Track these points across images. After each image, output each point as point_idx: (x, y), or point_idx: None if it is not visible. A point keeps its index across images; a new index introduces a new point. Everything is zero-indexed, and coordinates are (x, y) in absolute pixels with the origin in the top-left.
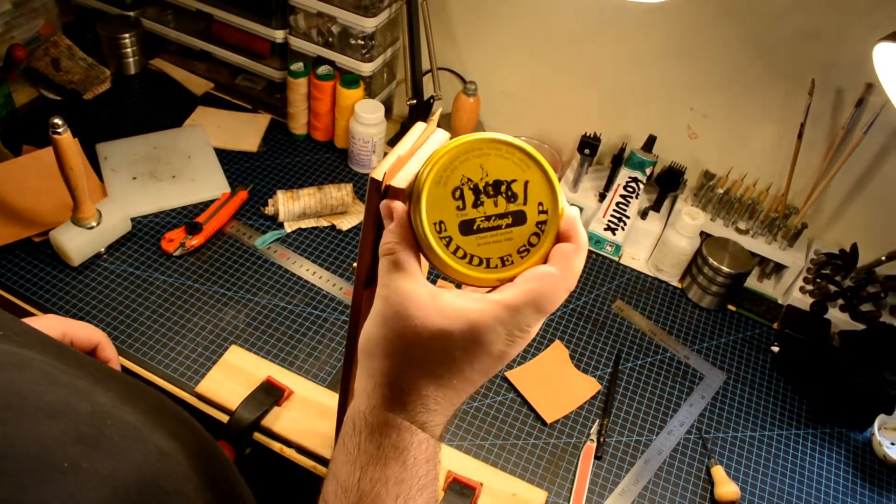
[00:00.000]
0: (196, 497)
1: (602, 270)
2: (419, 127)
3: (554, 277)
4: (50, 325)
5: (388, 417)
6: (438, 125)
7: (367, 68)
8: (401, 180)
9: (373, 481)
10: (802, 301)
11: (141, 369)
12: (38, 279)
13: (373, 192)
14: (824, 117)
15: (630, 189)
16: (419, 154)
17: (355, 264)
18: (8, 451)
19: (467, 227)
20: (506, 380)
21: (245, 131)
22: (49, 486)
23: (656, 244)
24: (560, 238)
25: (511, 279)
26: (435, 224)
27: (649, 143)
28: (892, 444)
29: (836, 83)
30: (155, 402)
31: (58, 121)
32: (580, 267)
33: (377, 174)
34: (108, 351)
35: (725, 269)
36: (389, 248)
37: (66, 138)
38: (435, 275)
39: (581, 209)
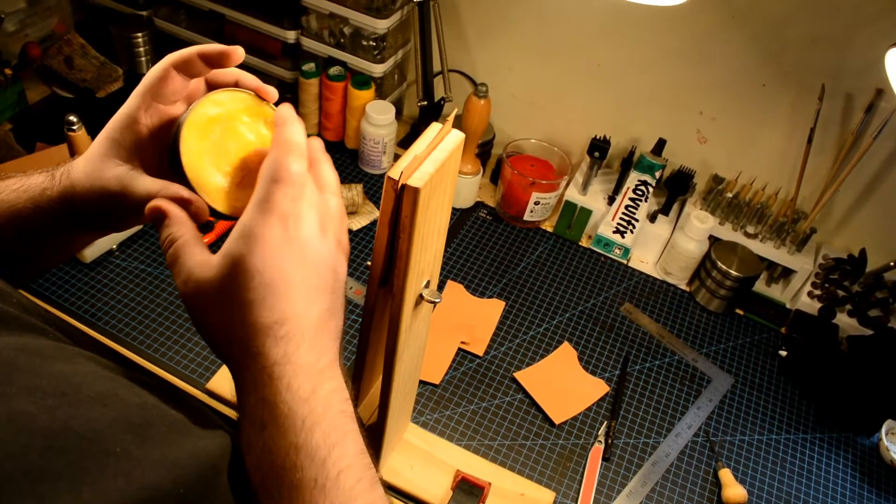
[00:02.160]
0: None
1: (611, 273)
2: (435, 128)
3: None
4: (158, 67)
5: (249, 379)
6: (452, 126)
7: (378, 69)
8: (417, 179)
9: (260, 453)
10: (810, 306)
11: (152, 365)
12: (51, 276)
13: (389, 191)
14: (834, 122)
15: (639, 192)
16: (435, 154)
17: (369, 262)
18: (65, 434)
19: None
20: (514, 380)
21: None
22: (106, 468)
23: (665, 247)
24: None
25: None
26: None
27: (659, 146)
28: None
29: (845, 88)
30: (186, 400)
31: (73, 118)
32: (291, 134)
33: (394, 173)
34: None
35: (734, 273)
36: (171, 236)
37: (81, 135)
38: None
39: (590, 212)
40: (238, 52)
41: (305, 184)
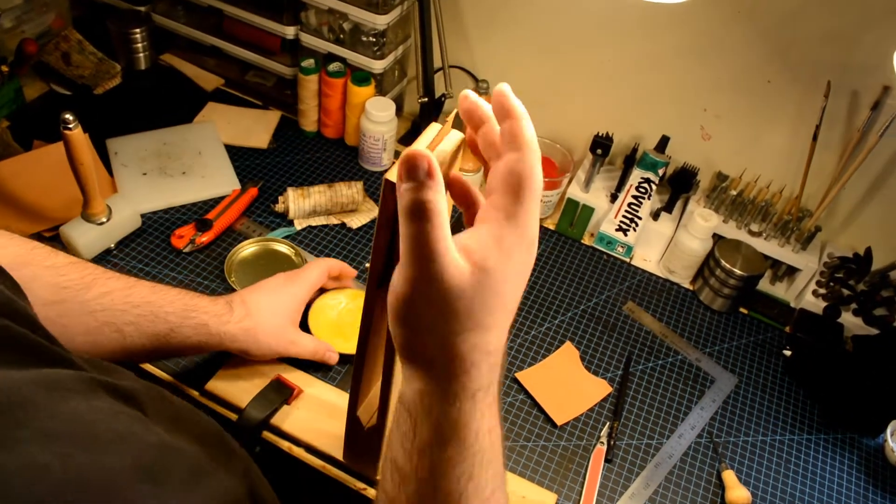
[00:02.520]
0: None
1: (613, 272)
2: (434, 128)
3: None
4: (318, 271)
5: (441, 394)
6: (452, 126)
7: (378, 66)
8: None
9: (431, 467)
10: (815, 305)
11: (151, 367)
12: None
13: (387, 194)
14: (839, 119)
15: (642, 190)
16: (435, 156)
17: (368, 264)
18: (79, 485)
19: None
20: (515, 381)
21: (255, 128)
22: None
23: (668, 246)
24: (498, 118)
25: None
26: None
27: (662, 143)
28: None
29: (851, 85)
30: (209, 432)
31: (69, 116)
32: (526, 131)
33: (391, 175)
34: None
35: (738, 271)
36: (431, 205)
37: (77, 134)
38: None
39: (592, 210)
40: (352, 272)
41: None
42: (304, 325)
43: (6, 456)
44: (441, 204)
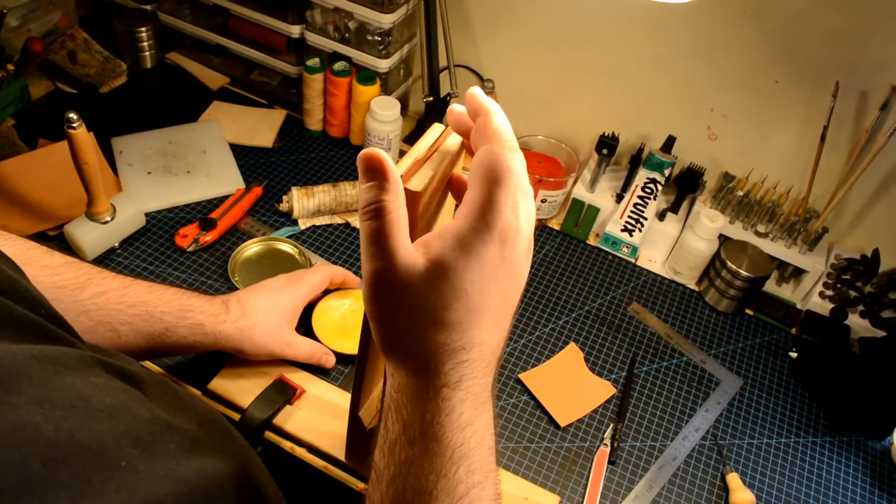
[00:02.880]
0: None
1: (618, 272)
2: (437, 129)
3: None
4: (320, 276)
5: (409, 390)
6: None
7: (383, 65)
8: (417, 183)
9: (399, 464)
10: (822, 306)
11: (153, 365)
12: None
13: None
14: (848, 120)
15: (648, 190)
16: (436, 156)
17: None
18: (70, 445)
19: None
20: (519, 382)
21: (260, 127)
22: (109, 481)
23: (674, 246)
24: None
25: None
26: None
27: (668, 143)
28: None
29: (860, 85)
30: (208, 417)
31: (73, 115)
32: (493, 123)
33: None
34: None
35: (744, 272)
36: (383, 205)
37: (81, 133)
38: None
39: (598, 210)
40: (355, 280)
41: (525, 188)
42: (307, 326)
43: None
44: (394, 203)
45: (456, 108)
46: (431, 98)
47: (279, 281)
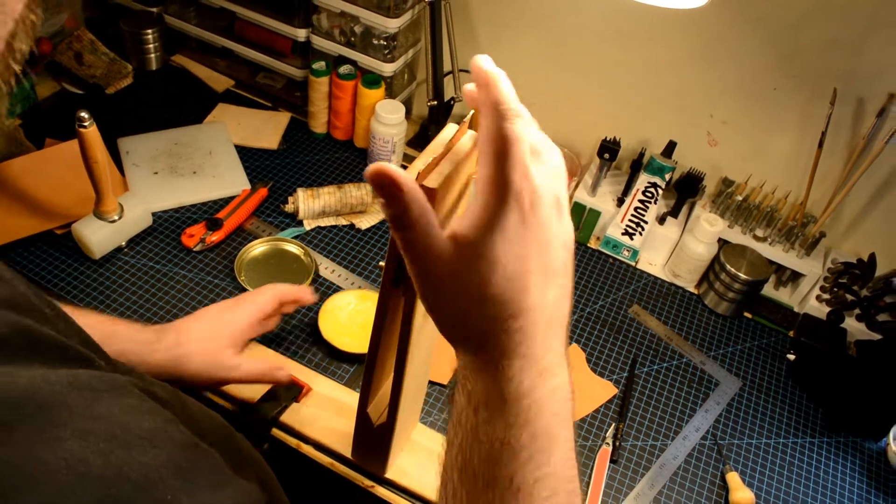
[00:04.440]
0: None
1: (619, 275)
2: (451, 128)
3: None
4: (268, 296)
5: (475, 365)
6: (469, 127)
7: (388, 68)
8: (433, 180)
9: (465, 432)
10: (819, 310)
11: None
12: (59, 271)
13: None
14: (845, 126)
15: (648, 194)
16: (451, 155)
17: (382, 263)
18: (120, 481)
19: None
20: None
21: (265, 129)
22: None
23: (674, 250)
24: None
25: None
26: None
27: (669, 148)
28: None
29: (857, 92)
30: (222, 434)
31: (84, 114)
32: (492, 93)
33: (410, 174)
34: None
35: (743, 276)
36: (404, 215)
37: (92, 132)
38: None
39: (599, 213)
40: (313, 300)
41: (538, 149)
42: (314, 327)
43: (48, 453)
44: (414, 208)
45: (468, 88)
46: (435, 102)
47: (220, 305)
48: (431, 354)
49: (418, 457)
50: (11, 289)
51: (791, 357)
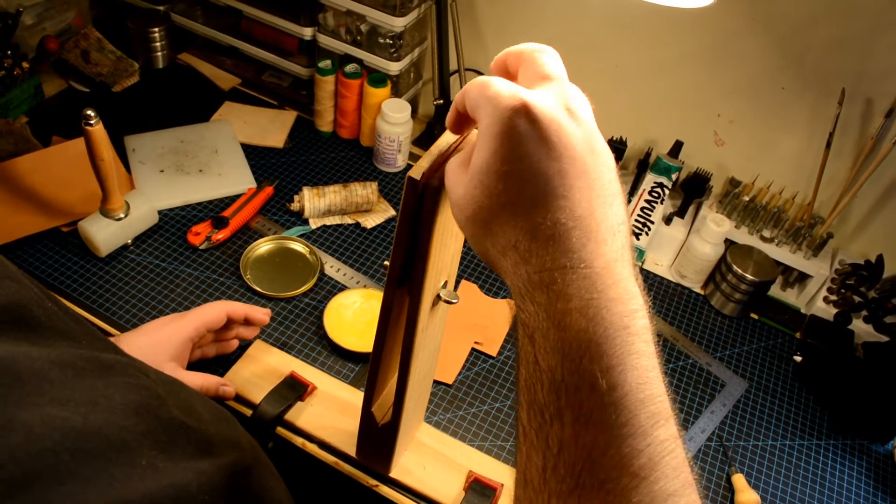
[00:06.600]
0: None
1: None
2: None
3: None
4: (215, 310)
5: (519, 286)
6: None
7: (394, 67)
8: (438, 179)
9: (535, 350)
10: (826, 311)
11: None
12: (65, 269)
13: (409, 192)
14: (853, 126)
15: (655, 194)
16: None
17: (387, 262)
18: (97, 438)
19: None
20: None
21: (271, 127)
22: (132, 477)
23: (680, 250)
24: None
25: None
26: None
27: (675, 148)
28: None
29: (865, 92)
30: (213, 414)
31: (90, 112)
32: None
33: (415, 174)
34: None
35: (749, 276)
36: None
37: (98, 130)
38: None
39: None
40: (266, 320)
41: (546, 76)
42: (319, 326)
43: (27, 414)
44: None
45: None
46: (441, 101)
47: (163, 319)
48: (436, 354)
49: (423, 457)
50: (3, 267)
51: (798, 359)
